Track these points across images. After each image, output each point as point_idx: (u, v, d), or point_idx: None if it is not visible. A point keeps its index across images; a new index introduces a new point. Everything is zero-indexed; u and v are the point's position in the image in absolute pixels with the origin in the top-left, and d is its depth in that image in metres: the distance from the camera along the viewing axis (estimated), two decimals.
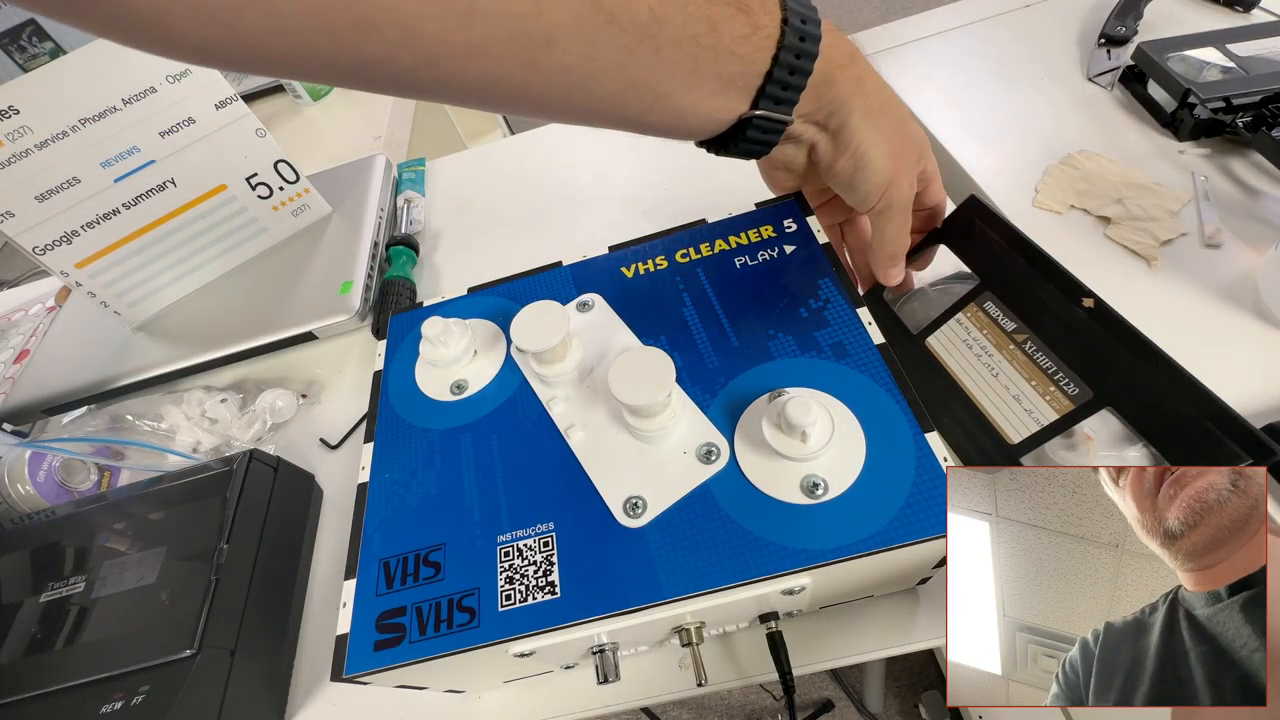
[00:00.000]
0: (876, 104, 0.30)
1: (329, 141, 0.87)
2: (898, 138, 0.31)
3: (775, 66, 0.26)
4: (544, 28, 0.21)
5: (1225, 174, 0.46)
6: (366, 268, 0.57)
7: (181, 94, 0.52)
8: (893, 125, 0.30)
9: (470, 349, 0.34)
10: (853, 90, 0.29)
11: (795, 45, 0.26)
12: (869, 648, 0.33)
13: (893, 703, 0.96)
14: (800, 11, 0.26)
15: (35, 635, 0.35)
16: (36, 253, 0.50)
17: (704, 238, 0.35)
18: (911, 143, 0.32)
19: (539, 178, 0.66)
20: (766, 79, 0.26)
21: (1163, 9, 0.58)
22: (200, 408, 0.51)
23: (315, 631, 0.40)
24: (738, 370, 0.29)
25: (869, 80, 0.29)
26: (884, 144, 0.30)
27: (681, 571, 0.25)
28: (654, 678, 0.34)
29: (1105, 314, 0.29)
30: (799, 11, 0.26)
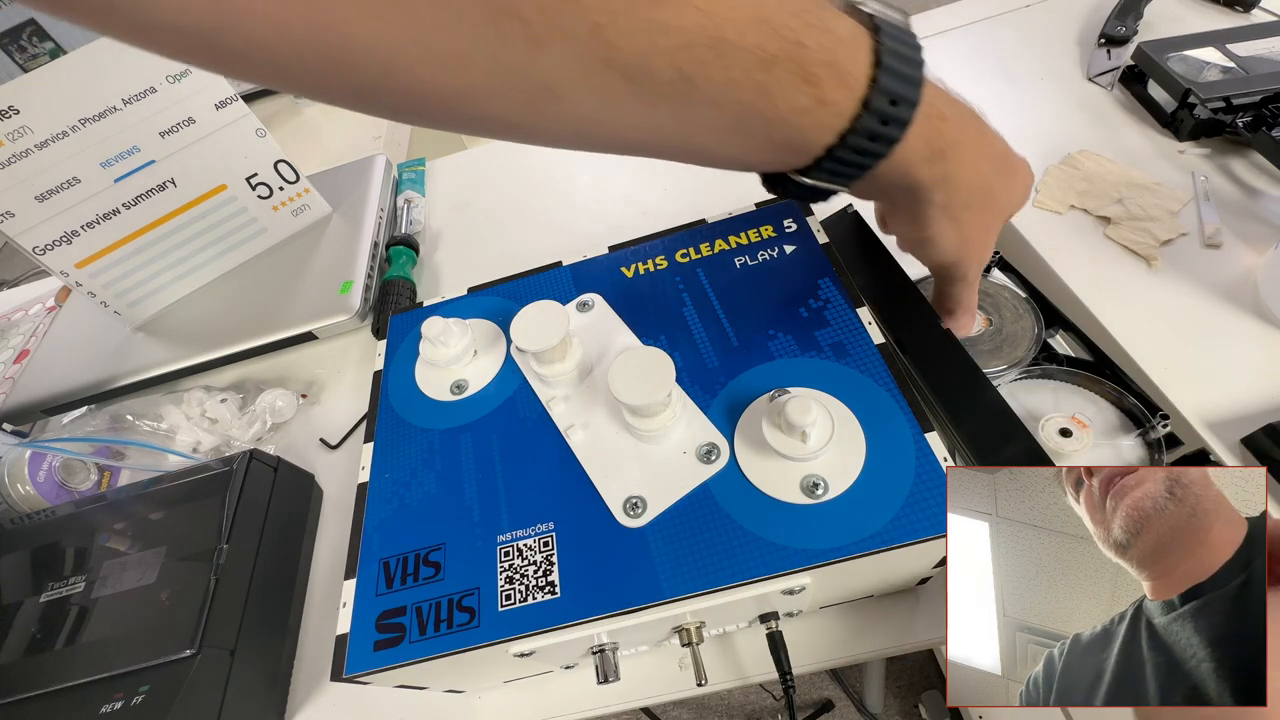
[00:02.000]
0: (961, 199, 0.25)
1: (329, 141, 0.87)
2: (979, 226, 0.27)
3: (839, 146, 0.22)
4: (543, 79, 0.19)
5: (1225, 174, 0.46)
6: (366, 268, 0.57)
7: (182, 94, 0.52)
8: (977, 217, 0.26)
9: (470, 349, 0.34)
10: (934, 184, 0.24)
11: (872, 128, 0.21)
12: (869, 648, 0.33)
13: (893, 703, 0.96)
14: (892, 91, 0.21)
15: (35, 635, 0.35)
16: (36, 253, 0.50)
17: (704, 238, 0.35)
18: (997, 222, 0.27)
19: (539, 178, 0.66)
20: (826, 153, 0.22)
21: (1163, 9, 0.58)
22: (200, 408, 0.51)
23: (315, 631, 0.40)
24: (738, 370, 0.29)
25: (964, 173, 0.24)
26: (957, 233, 0.26)
27: (681, 571, 0.25)
28: (654, 678, 0.34)
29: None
30: (891, 91, 0.21)
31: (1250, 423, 0.34)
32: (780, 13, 0.19)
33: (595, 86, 0.19)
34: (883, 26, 0.21)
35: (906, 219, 0.27)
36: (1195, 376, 0.37)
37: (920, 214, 0.26)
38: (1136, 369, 0.37)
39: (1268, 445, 0.33)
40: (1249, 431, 0.34)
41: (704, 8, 0.18)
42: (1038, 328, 0.38)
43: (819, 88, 0.20)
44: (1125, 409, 0.35)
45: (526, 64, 0.18)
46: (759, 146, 0.22)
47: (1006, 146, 0.27)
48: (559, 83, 0.19)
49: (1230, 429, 0.35)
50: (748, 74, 0.19)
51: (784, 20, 0.19)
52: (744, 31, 0.19)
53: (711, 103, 0.20)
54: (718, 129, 0.21)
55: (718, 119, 0.21)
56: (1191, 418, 0.35)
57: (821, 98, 0.21)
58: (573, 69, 0.18)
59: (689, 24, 0.18)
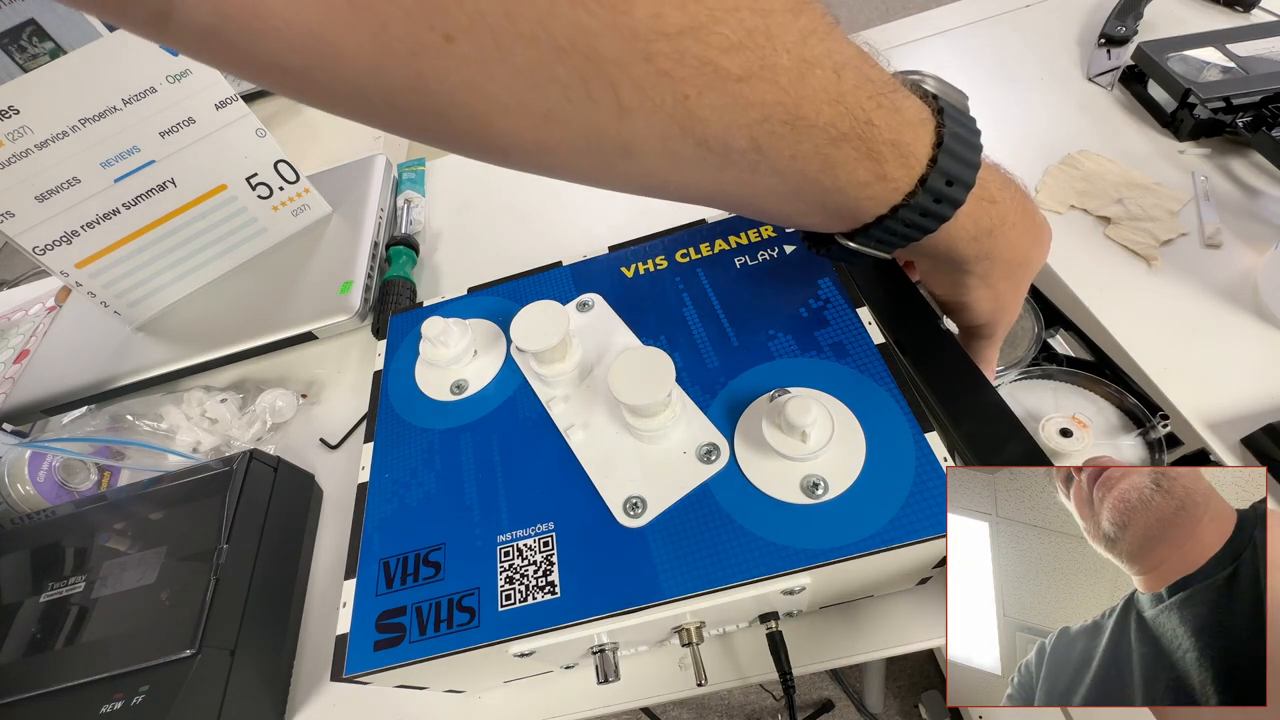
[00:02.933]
0: (1000, 272, 0.26)
1: (329, 141, 0.87)
2: (1012, 293, 0.28)
3: (889, 217, 0.23)
4: (623, 141, 0.19)
5: (1225, 174, 0.46)
6: (366, 268, 0.57)
7: (182, 94, 0.52)
8: (1012, 285, 0.27)
9: (470, 349, 0.34)
10: (976, 259, 0.25)
11: (925, 205, 0.22)
12: (869, 648, 0.33)
13: (893, 703, 0.96)
14: (950, 172, 0.22)
15: (35, 635, 0.35)
16: (36, 253, 0.50)
17: (704, 238, 0.35)
18: (1027, 285, 0.29)
19: (539, 178, 0.66)
20: (875, 222, 0.23)
21: (1163, 9, 0.58)
22: (200, 408, 0.51)
23: (315, 631, 0.40)
24: (738, 370, 0.29)
25: (1005, 251, 0.26)
26: (992, 300, 0.27)
27: (681, 571, 0.25)
28: (654, 678, 0.34)
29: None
30: (948, 172, 0.22)
31: (1250, 423, 0.34)
32: (856, 94, 0.20)
33: (670, 151, 0.19)
34: (946, 109, 0.22)
35: (944, 284, 0.28)
36: (1195, 376, 0.37)
37: (959, 282, 0.27)
38: (1136, 369, 0.38)
39: (1268, 445, 0.33)
40: (1249, 431, 0.34)
41: (787, 87, 0.19)
42: (1037, 327, 0.39)
43: (881, 165, 0.21)
44: (1125, 409, 0.35)
45: (611, 127, 0.18)
46: (812, 210, 0.23)
47: (1041, 215, 0.28)
48: (637, 146, 0.19)
49: (1230, 429, 0.35)
50: (816, 149, 0.20)
51: (858, 101, 0.20)
52: (820, 110, 0.19)
53: (777, 171, 0.21)
54: (778, 193, 0.22)
55: (779, 185, 0.21)
56: (1191, 418, 0.35)
57: (882, 174, 0.21)
58: (654, 135, 0.19)
59: (769, 100, 0.19)
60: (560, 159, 0.20)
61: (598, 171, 0.21)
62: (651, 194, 0.22)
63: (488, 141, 0.19)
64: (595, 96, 0.17)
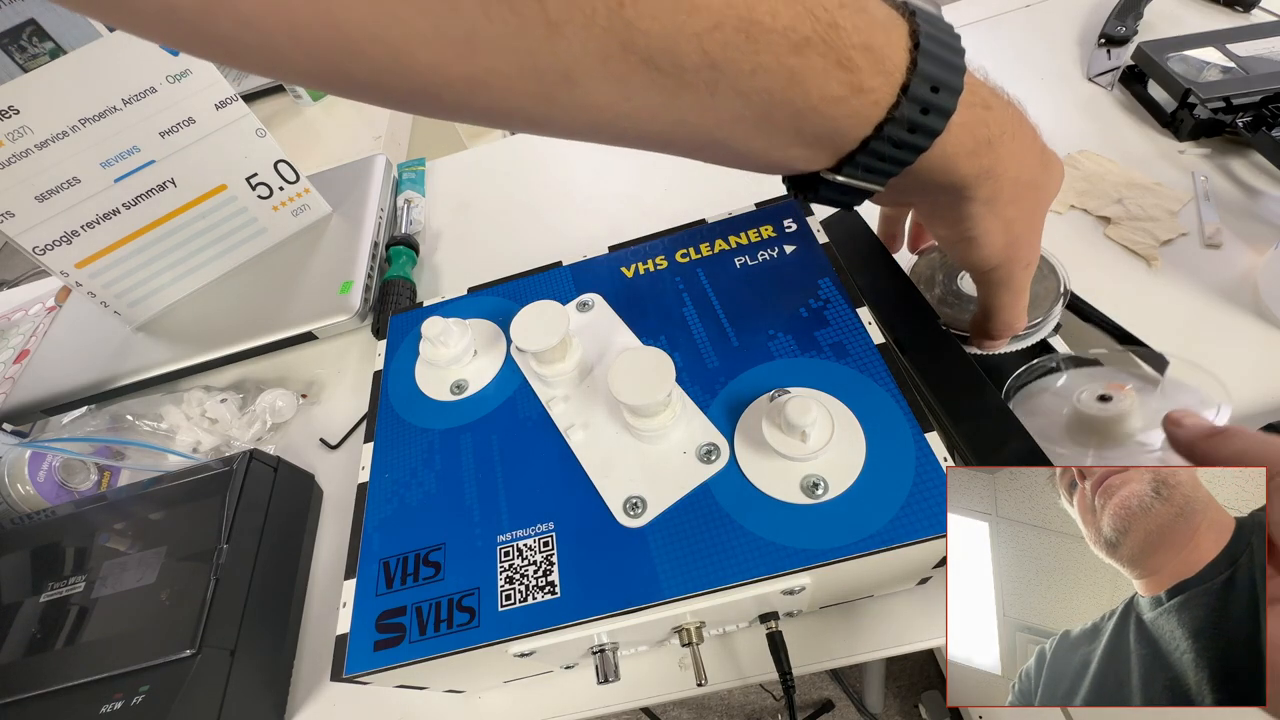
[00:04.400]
0: (1008, 194, 0.24)
1: (329, 141, 0.87)
2: (1025, 224, 0.25)
3: (875, 138, 0.20)
4: (560, 65, 0.17)
5: (1225, 174, 0.46)
6: (366, 268, 0.57)
7: (181, 94, 0.52)
8: (1024, 213, 0.25)
9: (470, 349, 0.34)
10: (979, 179, 0.23)
11: (912, 118, 0.20)
12: (869, 648, 0.33)
13: (893, 703, 0.96)
14: (934, 76, 0.19)
15: (35, 635, 0.35)
16: (36, 253, 0.50)
17: (704, 238, 0.35)
18: (1041, 218, 0.26)
19: (539, 178, 0.66)
20: (860, 147, 0.21)
21: (1163, 9, 0.58)
22: (200, 408, 0.51)
23: (315, 631, 0.40)
24: (738, 370, 0.29)
25: (1010, 166, 0.23)
26: (1003, 232, 0.25)
27: (681, 571, 0.25)
28: (654, 678, 0.34)
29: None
30: (932, 77, 0.19)
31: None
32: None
33: (615, 73, 0.18)
34: (918, 11, 0.20)
35: (948, 220, 0.25)
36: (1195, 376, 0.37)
37: (964, 213, 0.24)
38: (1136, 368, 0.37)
39: None
40: None
41: None
42: (1062, 284, 0.37)
43: (854, 74, 0.19)
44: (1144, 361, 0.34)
45: (542, 49, 0.17)
46: (787, 140, 0.21)
47: (1042, 139, 0.25)
48: (576, 69, 0.17)
49: None
50: (778, 59, 0.18)
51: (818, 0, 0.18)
52: (777, 12, 0.17)
53: (739, 92, 0.19)
54: (744, 121, 0.20)
55: (744, 109, 0.19)
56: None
57: (857, 85, 0.19)
58: (591, 54, 0.17)
59: (717, 3, 0.17)
60: (497, 96, 0.18)
61: (541, 106, 0.19)
62: (609, 135, 0.20)
63: (413, 80, 0.17)
64: (518, 10, 0.16)
